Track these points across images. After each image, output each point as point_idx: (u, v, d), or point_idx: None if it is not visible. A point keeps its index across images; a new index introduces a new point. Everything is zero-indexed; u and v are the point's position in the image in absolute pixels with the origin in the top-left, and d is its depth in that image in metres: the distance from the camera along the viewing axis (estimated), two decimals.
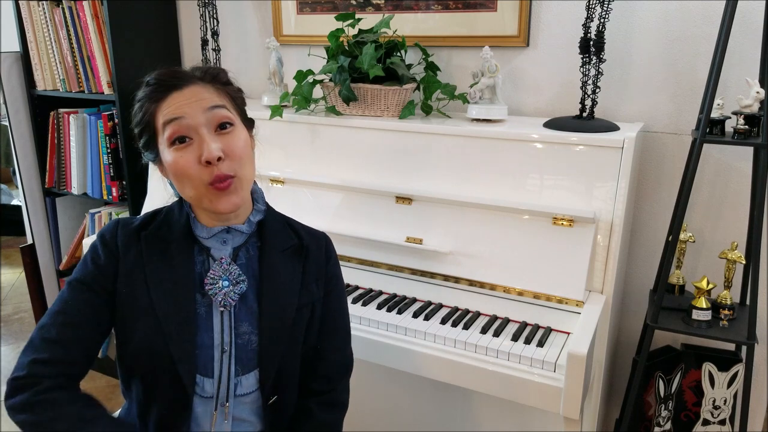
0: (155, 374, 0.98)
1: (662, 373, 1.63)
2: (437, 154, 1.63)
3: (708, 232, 1.72)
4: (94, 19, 2.13)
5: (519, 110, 1.85)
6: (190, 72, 1.00)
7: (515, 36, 1.79)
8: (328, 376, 1.12)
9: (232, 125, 0.98)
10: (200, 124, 0.95)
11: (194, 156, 0.94)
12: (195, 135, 0.95)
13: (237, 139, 0.98)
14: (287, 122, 1.83)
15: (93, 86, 2.22)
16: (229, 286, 1.01)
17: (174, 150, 0.95)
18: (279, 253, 1.07)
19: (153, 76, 0.98)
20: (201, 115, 0.95)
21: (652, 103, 1.70)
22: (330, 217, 1.70)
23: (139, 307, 0.99)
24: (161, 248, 1.02)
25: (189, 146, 0.95)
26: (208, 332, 1.01)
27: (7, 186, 4.38)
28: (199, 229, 1.04)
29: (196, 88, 0.97)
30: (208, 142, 0.94)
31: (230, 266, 1.02)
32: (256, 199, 1.08)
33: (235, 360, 1.01)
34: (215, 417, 1.01)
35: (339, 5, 2.03)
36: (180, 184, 0.98)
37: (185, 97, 0.96)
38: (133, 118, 1.00)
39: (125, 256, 1.01)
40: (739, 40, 1.56)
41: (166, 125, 0.95)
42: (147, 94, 0.98)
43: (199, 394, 1.00)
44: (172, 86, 0.96)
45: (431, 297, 1.57)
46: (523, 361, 1.32)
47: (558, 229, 1.46)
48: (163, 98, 0.96)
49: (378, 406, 1.82)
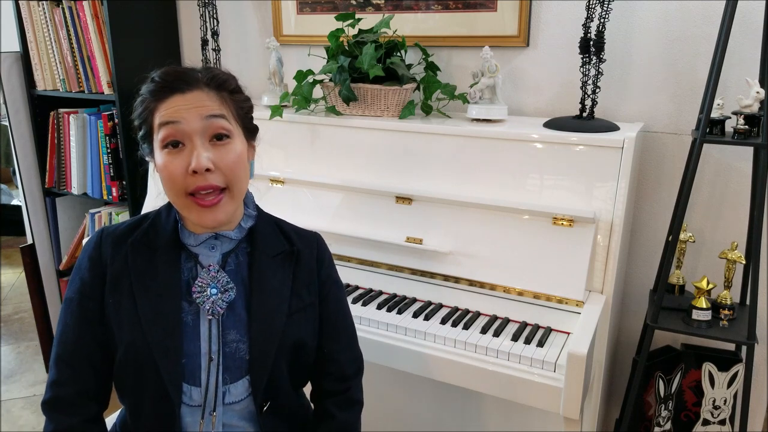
0: (142, 383, 0.98)
1: (662, 373, 1.63)
2: (437, 154, 1.63)
3: (708, 232, 1.72)
4: (94, 19, 2.13)
5: (519, 110, 1.85)
6: (198, 75, 0.97)
7: (515, 36, 1.79)
8: (341, 377, 1.12)
9: (229, 137, 0.96)
10: (195, 131, 0.93)
11: (183, 163, 0.93)
12: (188, 141, 0.94)
13: (230, 152, 0.96)
14: (287, 122, 1.83)
15: (93, 86, 2.22)
16: (217, 294, 1.00)
17: (166, 153, 0.94)
18: (269, 259, 1.05)
19: (158, 74, 0.97)
20: (197, 123, 0.93)
21: (652, 103, 1.71)
22: (330, 217, 1.70)
23: (125, 316, 0.98)
24: (148, 255, 1.01)
25: (180, 152, 0.94)
26: (195, 341, 0.99)
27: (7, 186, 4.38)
28: (186, 236, 1.02)
29: (199, 93, 0.95)
30: (199, 151, 0.93)
31: (218, 273, 1.01)
32: (247, 204, 1.07)
33: (223, 369, 1.00)
34: (202, 426, 1.00)
35: (339, 5, 2.03)
36: (165, 187, 0.97)
37: (186, 101, 0.94)
38: (134, 110, 0.99)
39: (112, 264, 1.00)
40: (739, 40, 1.56)
41: (162, 126, 0.94)
42: (150, 90, 0.96)
43: (187, 403, 0.99)
44: (175, 89, 0.95)
45: (431, 297, 1.57)
46: (523, 361, 1.32)
47: (558, 229, 1.46)
48: (164, 98, 0.95)
49: (378, 406, 1.82)
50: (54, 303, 2.57)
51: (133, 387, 1.00)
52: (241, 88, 1.03)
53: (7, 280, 3.59)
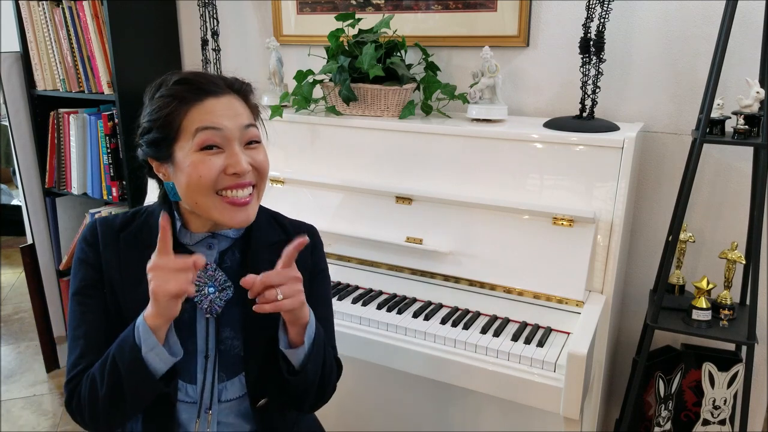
0: None
1: (662, 373, 1.63)
2: (437, 154, 1.63)
3: (708, 232, 1.72)
4: (94, 19, 2.13)
5: (519, 110, 1.85)
6: (223, 81, 0.99)
7: (515, 36, 1.79)
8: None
9: (259, 142, 1.00)
10: (234, 138, 0.95)
11: (219, 164, 0.94)
12: (227, 146, 0.95)
13: (261, 153, 1.00)
14: (287, 122, 1.83)
15: (93, 86, 2.22)
16: (215, 293, 1.00)
17: (203, 155, 0.93)
18: (265, 249, 1.05)
19: (185, 75, 0.96)
20: (237, 132, 0.95)
21: (652, 103, 1.71)
22: (330, 217, 1.70)
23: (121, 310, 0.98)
24: (139, 252, 0.99)
25: (218, 154, 0.94)
26: (191, 338, 1.00)
27: (7, 186, 4.38)
28: (183, 235, 1.02)
29: (231, 99, 0.97)
30: (240, 155, 0.95)
31: (216, 272, 1.01)
32: None
33: (219, 366, 1.00)
34: (198, 423, 1.00)
35: (339, 5, 2.03)
36: (193, 187, 0.95)
37: (223, 106, 0.95)
38: (150, 113, 0.96)
39: (104, 254, 1.00)
40: (739, 40, 1.56)
41: (201, 131, 0.93)
42: (176, 93, 0.94)
43: (183, 401, 1.00)
44: (209, 92, 0.95)
45: (431, 297, 1.57)
46: (523, 361, 1.32)
47: (558, 229, 1.46)
48: (196, 101, 0.94)
49: (378, 406, 1.82)
50: (54, 303, 2.57)
51: None
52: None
53: (7, 280, 3.59)
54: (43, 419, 2.28)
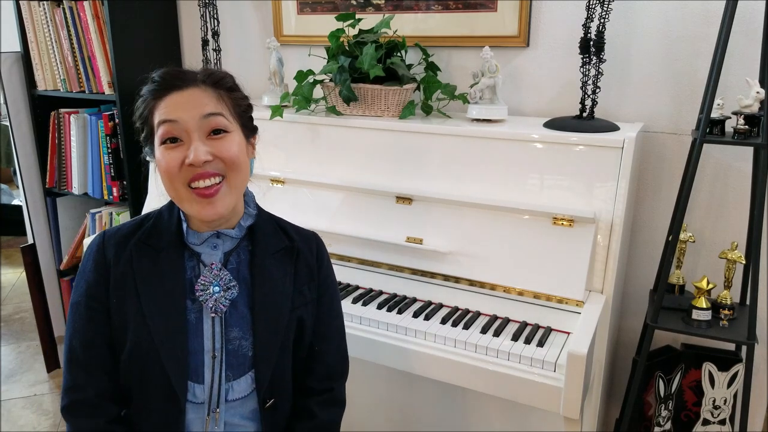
0: (147, 381, 0.99)
1: (662, 373, 1.63)
2: (437, 154, 1.63)
3: (708, 232, 1.72)
4: (95, 19, 2.13)
5: (519, 110, 1.86)
6: (195, 74, 0.99)
7: (515, 36, 1.79)
8: (326, 377, 1.13)
9: (227, 132, 0.98)
10: (193, 129, 0.95)
11: (180, 156, 0.95)
12: (186, 138, 0.96)
13: (229, 143, 0.98)
14: (288, 122, 1.83)
15: (94, 86, 2.22)
16: (220, 292, 1.01)
17: (164, 148, 0.96)
18: (270, 255, 1.06)
19: (158, 74, 0.99)
20: (195, 121, 0.95)
21: (652, 103, 1.71)
22: (330, 217, 1.70)
23: (130, 316, 0.99)
24: (151, 256, 1.02)
25: (178, 147, 0.96)
26: (199, 338, 1.01)
27: (8, 186, 4.38)
28: (190, 235, 1.03)
29: (196, 91, 0.97)
30: (197, 144, 0.94)
31: (221, 272, 1.02)
32: (248, 203, 1.08)
33: (226, 366, 1.01)
34: (207, 423, 1.01)
35: (339, 5, 2.03)
36: (165, 182, 0.98)
37: (183, 99, 0.96)
38: (135, 112, 1.01)
39: (115, 266, 1.01)
40: (739, 40, 1.56)
41: (161, 125, 0.96)
42: (149, 90, 0.99)
43: (191, 400, 1.01)
44: (172, 86, 0.97)
45: (431, 297, 1.57)
46: (523, 360, 1.32)
47: (558, 229, 1.46)
48: (162, 96, 0.97)
49: (378, 406, 1.82)
50: (55, 303, 2.57)
51: (138, 385, 1.00)
52: (238, 86, 1.04)
53: (7, 280, 3.59)
54: (43, 419, 2.28)
